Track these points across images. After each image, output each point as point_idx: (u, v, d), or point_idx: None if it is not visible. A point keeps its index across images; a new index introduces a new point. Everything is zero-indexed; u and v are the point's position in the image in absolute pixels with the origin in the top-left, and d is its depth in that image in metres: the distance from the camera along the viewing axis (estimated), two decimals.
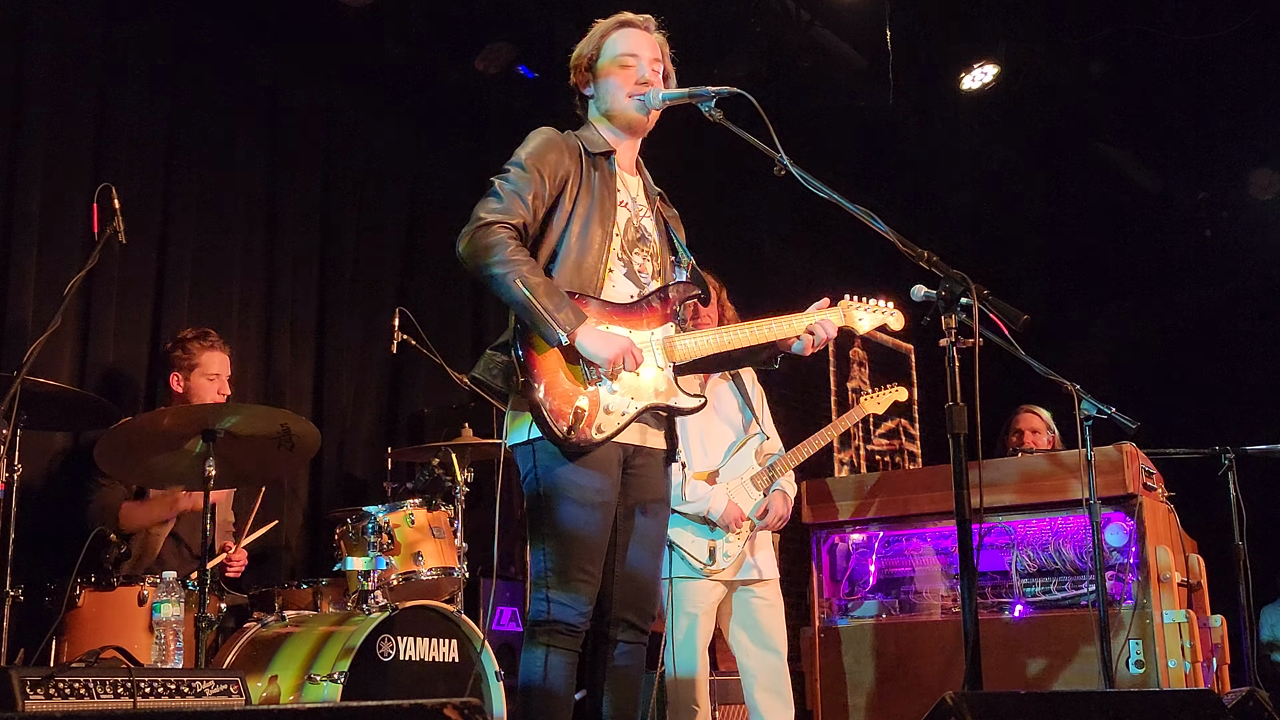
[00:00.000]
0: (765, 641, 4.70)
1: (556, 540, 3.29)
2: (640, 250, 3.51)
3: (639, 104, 3.49)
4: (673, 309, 3.49)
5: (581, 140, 3.51)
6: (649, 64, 3.51)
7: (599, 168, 3.48)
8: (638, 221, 3.54)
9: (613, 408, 3.30)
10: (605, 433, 3.29)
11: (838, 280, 9.47)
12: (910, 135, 8.25)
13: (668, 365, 3.44)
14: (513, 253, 3.23)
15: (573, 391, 3.26)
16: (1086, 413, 4.53)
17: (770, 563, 4.80)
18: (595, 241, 3.40)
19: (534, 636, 3.30)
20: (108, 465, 4.25)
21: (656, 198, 3.67)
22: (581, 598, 3.29)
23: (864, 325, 3.83)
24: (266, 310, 5.93)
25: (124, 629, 4.06)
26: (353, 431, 6.25)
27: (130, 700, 3.20)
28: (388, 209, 6.59)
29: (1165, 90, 8.05)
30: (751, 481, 4.75)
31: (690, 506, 4.62)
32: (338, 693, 4.11)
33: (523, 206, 3.32)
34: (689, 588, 4.62)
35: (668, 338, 3.45)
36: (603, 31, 3.57)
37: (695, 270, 3.60)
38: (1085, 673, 4.87)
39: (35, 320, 4.86)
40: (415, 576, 4.57)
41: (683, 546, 4.62)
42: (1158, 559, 4.96)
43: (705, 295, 3.63)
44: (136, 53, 5.49)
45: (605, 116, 3.56)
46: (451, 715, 2.09)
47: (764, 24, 6.82)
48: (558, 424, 3.22)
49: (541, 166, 3.37)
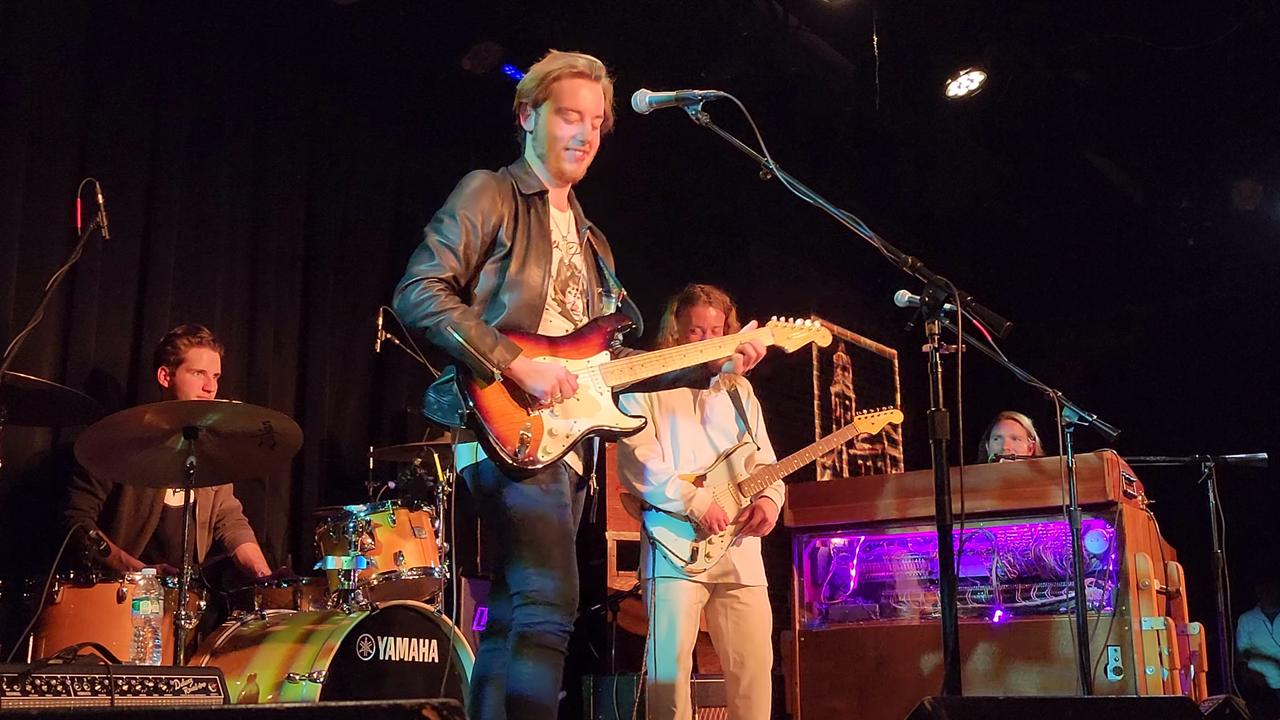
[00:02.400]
0: (747, 647, 4.70)
1: (530, 545, 3.37)
2: (572, 288, 3.65)
3: (571, 160, 3.61)
4: (606, 337, 3.65)
5: (515, 179, 3.63)
6: (591, 122, 3.62)
7: (533, 206, 3.60)
8: (569, 259, 3.67)
9: (556, 431, 3.45)
10: (551, 454, 3.42)
11: (823, 285, 9.51)
12: (896, 141, 8.27)
13: (606, 390, 3.59)
14: (441, 303, 3.38)
15: (517, 418, 3.39)
16: (1068, 419, 4.55)
17: (757, 570, 4.81)
18: (535, 280, 3.54)
19: (523, 646, 3.34)
20: (88, 462, 4.23)
21: (587, 230, 3.79)
22: (563, 600, 3.34)
23: (792, 344, 4.12)
24: (250, 307, 5.91)
25: (103, 626, 4.03)
26: (335, 430, 6.24)
27: (108, 698, 3.19)
28: (373, 208, 6.58)
29: (1149, 99, 8.08)
30: (739, 488, 4.76)
31: (672, 504, 4.62)
32: (316, 692, 4.10)
33: (453, 258, 3.47)
34: (670, 587, 4.63)
35: (603, 365, 3.60)
36: (554, 75, 3.61)
37: (626, 301, 3.76)
38: (1064, 679, 4.89)
39: (17, 315, 4.84)
40: (396, 576, 4.56)
41: (665, 545, 4.63)
42: (1137, 566, 4.98)
43: (638, 326, 3.76)
44: (121, 49, 5.47)
45: (539, 158, 3.67)
46: (430, 715, 2.09)
47: (752, 29, 6.82)
48: (505, 449, 3.34)
49: (473, 216, 3.50)
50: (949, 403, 3.09)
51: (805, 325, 4.18)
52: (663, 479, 4.64)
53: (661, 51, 6.87)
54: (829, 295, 9.57)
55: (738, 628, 4.71)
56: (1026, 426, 6.13)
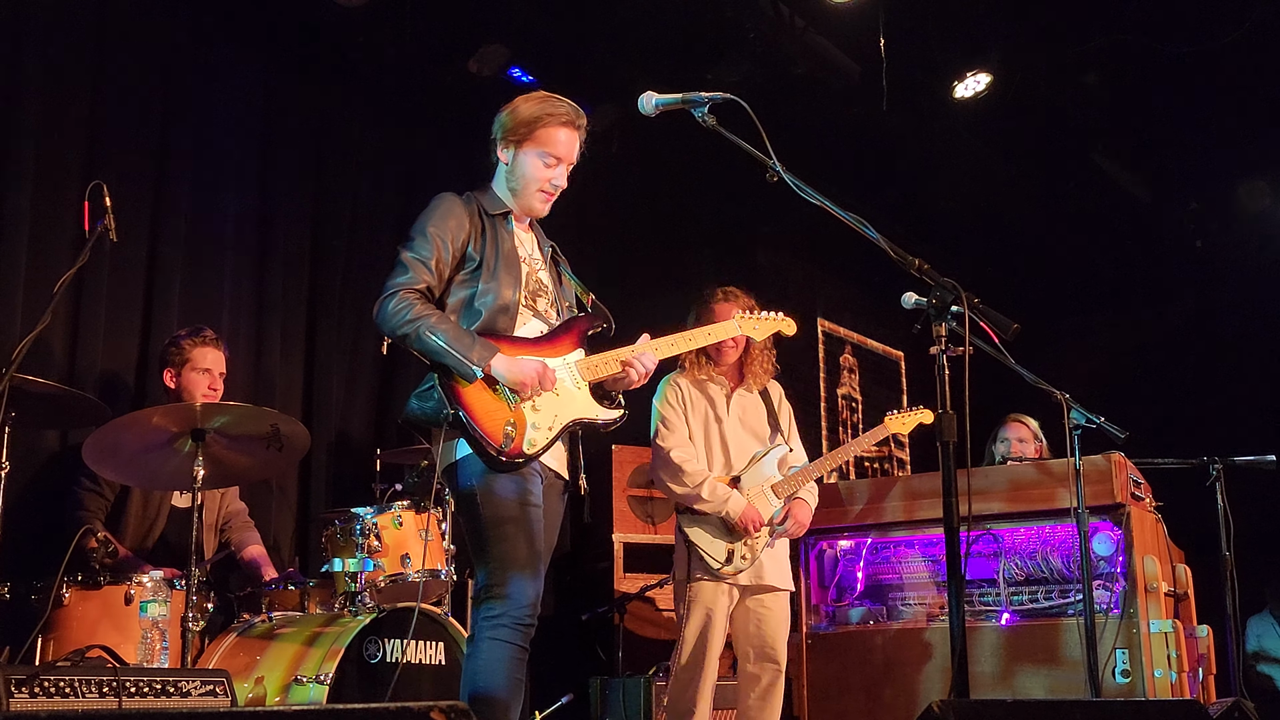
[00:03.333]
0: (766, 652, 4.73)
1: (499, 542, 3.47)
2: (542, 299, 3.78)
3: (542, 201, 3.79)
4: (580, 336, 3.75)
5: (479, 201, 3.76)
6: (566, 169, 3.77)
7: (498, 225, 3.73)
8: (535, 275, 3.78)
9: (540, 424, 3.55)
10: (537, 446, 3.53)
11: (829, 287, 9.50)
12: (903, 143, 8.26)
13: (584, 384, 3.70)
14: (418, 311, 3.51)
15: (500, 414, 3.48)
16: (1076, 422, 4.55)
17: (786, 574, 4.83)
18: (507, 287, 3.65)
19: (482, 641, 3.43)
20: (96, 464, 4.23)
21: (550, 249, 3.92)
22: (525, 599, 3.44)
23: (759, 333, 4.56)
24: (257, 310, 5.91)
25: (110, 628, 4.05)
26: (342, 432, 6.24)
27: (116, 700, 3.20)
28: (380, 209, 6.58)
29: (1157, 101, 8.07)
30: (773, 489, 4.78)
31: (708, 505, 4.66)
32: (324, 694, 4.10)
33: (426, 271, 3.60)
34: (704, 588, 4.67)
35: (578, 361, 3.70)
36: (540, 121, 3.73)
37: (596, 304, 3.89)
38: (1072, 681, 4.88)
39: (25, 318, 4.84)
40: (403, 578, 4.57)
41: (701, 547, 4.66)
42: (1145, 568, 4.97)
43: (609, 327, 3.84)
44: (129, 52, 5.48)
45: (511, 192, 3.79)
46: (438, 718, 2.09)
47: (758, 30, 6.82)
48: (490, 444, 3.43)
49: (442, 233, 3.64)
50: (956, 405, 3.09)
51: (770, 316, 4.56)
52: (699, 480, 4.69)
53: (667, 53, 6.87)
54: (836, 297, 9.56)
55: (760, 630, 4.74)
56: (1033, 429, 6.11)
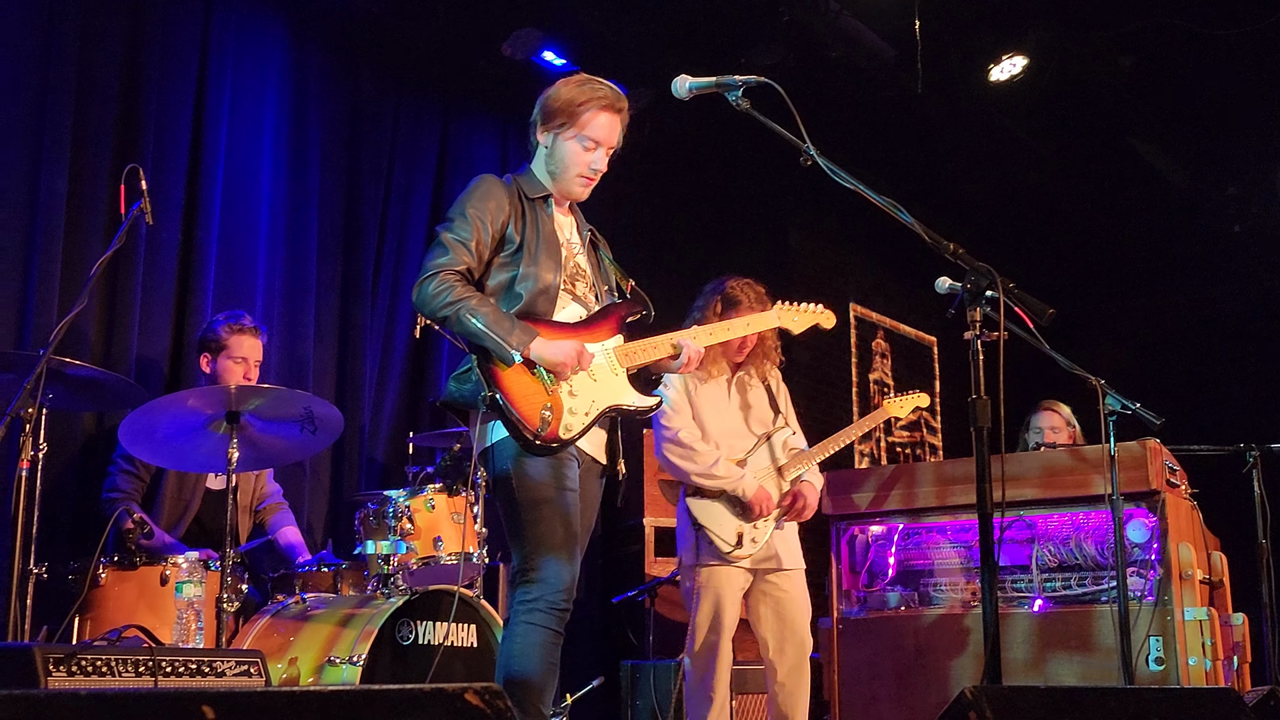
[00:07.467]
0: (788, 635, 4.70)
1: (534, 525, 3.46)
2: (581, 283, 3.75)
3: (582, 185, 3.74)
4: (619, 322, 3.73)
5: (520, 184, 3.72)
6: (606, 153, 3.73)
7: (537, 209, 3.70)
8: (574, 259, 3.76)
9: (576, 409, 3.53)
10: (573, 431, 3.51)
11: (863, 272, 9.47)
12: (938, 127, 8.21)
13: (621, 371, 3.67)
14: (459, 293, 3.47)
15: (538, 397, 3.47)
16: (1111, 408, 4.51)
17: (796, 553, 4.82)
18: (547, 270, 3.62)
19: (517, 624, 3.43)
20: (131, 445, 4.27)
21: (589, 233, 3.89)
22: (561, 582, 3.42)
23: (797, 326, 4.43)
24: (291, 293, 5.94)
25: (146, 609, 4.08)
26: (375, 415, 6.27)
27: (152, 679, 3.23)
28: (413, 193, 6.59)
29: (1195, 84, 7.99)
30: (778, 472, 4.79)
31: (723, 483, 4.66)
32: (357, 675, 4.13)
33: (466, 253, 3.56)
34: (714, 573, 4.66)
35: (617, 347, 3.69)
36: (586, 101, 3.68)
37: (636, 290, 3.85)
38: (1105, 669, 4.85)
39: (62, 301, 4.89)
40: (435, 561, 4.58)
41: (710, 529, 4.64)
42: (1180, 556, 4.93)
43: (649, 314, 3.81)
44: (163, 34, 5.50)
45: (550, 175, 3.76)
46: (472, 700, 2.09)
47: (792, 13, 6.79)
48: (528, 427, 3.41)
49: (482, 215, 3.60)
50: (990, 390, 3.07)
51: (810, 308, 4.44)
52: (712, 459, 4.69)
53: (702, 36, 6.85)
54: (869, 282, 9.53)
55: (777, 615, 4.71)
56: (1066, 416, 6.07)
